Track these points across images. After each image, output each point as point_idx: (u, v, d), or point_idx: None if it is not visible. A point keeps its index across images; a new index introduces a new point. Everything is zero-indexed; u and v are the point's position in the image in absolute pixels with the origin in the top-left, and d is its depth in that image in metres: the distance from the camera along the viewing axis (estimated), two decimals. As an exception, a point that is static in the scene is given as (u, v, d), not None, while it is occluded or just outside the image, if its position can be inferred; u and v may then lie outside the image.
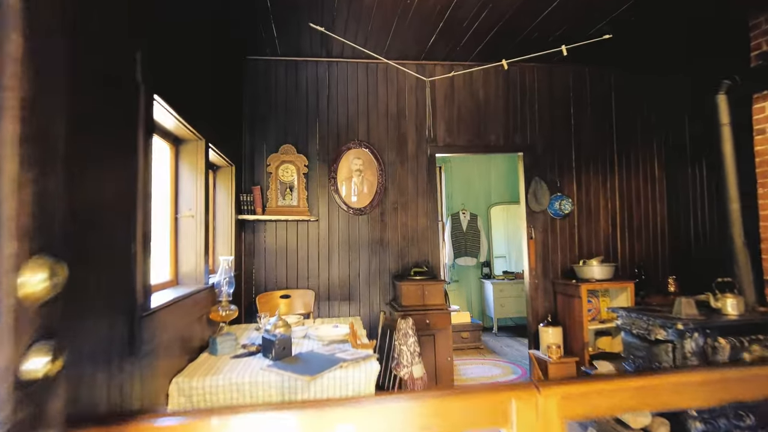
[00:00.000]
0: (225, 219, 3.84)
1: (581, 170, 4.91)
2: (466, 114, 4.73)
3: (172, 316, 2.22)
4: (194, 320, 2.65)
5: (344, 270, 4.45)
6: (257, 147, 4.39)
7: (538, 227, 4.79)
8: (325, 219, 4.44)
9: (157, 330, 1.97)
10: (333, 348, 2.61)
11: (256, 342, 2.92)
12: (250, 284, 4.31)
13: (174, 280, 2.74)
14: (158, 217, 2.67)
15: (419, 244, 4.57)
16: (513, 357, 5.80)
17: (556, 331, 4.42)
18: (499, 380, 4.87)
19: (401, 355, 2.90)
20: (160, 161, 2.70)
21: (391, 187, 4.55)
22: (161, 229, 2.70)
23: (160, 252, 2.69)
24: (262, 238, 4.35)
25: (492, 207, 7.70)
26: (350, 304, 4.43)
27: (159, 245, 2.67)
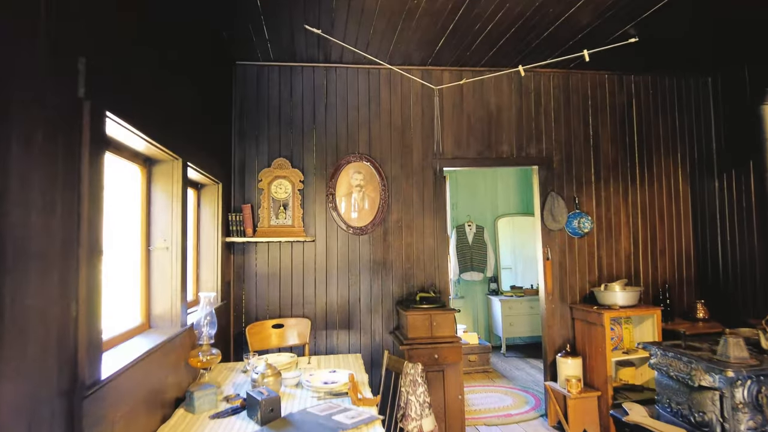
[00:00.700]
0: (211, 242, 3.45)
1: (600, 185, 4.53)
2: (476, 124, 4.36)
3: (138, 376, 1.84)
4: (169, 371, 2.26)
5: (343, 295, 4.06)
6: (248, 161, 4.00)
7: (554, 247, 4.41)
8: (322, 239, 4.06)
9: (111, 407, 1.58)
10: (330, 406, 2.21)
11: (242, 392, 2.53)
12: (239, 312, 3.91)
13: (146, 323, 2.35)
14: (126, 252, 2.28)
15: (425, 266, 4.19)
16: (524, 382, 5.41)
17: (575, 363, 4.03)
18: (512, 412, 4.48)
19: (409, 406, 2.52)
20: (129, 186, 2.32)
21: (394, 203, 4.17)
22: (130, 266, 2.31)
23: (129, 292, 2.30)
24: (253, 261, 3.96)
25: (499, 218, 7.31)
26: (350, 333, 4.04)
27: (127, 284, 2.28)
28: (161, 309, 2.39)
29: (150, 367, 2.02)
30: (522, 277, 7.27)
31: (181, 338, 2.43)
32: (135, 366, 1.83)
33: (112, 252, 2.13)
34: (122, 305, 2.24)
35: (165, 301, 2.39)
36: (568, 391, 3.91)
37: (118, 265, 2.20)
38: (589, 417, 3.90)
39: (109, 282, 2.00)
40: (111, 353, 1.87)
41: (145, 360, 1.95)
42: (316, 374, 2.69)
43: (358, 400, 2.27)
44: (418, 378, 2.55)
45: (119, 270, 2.21)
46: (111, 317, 2.06)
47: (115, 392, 1.64)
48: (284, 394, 2.48)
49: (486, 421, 4.28)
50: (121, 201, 2.23)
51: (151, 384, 2.03)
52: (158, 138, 2.10)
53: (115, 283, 2.13)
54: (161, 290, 2.39)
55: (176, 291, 2.40)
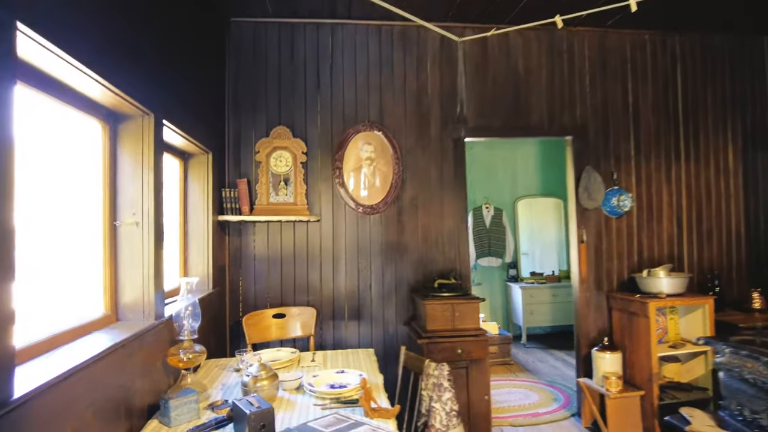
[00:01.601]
0: (200, 221, 3.01)
1: (641, 159, 4.02)
2: (502, 89, 3.85)
3: (87, 384, 1.41)
4: (138, 373, 1.83)
5: (352, 282, 3.62)
6: (244, 131, 3.54)
7: (589, 228, 3.92)
8: (328, 219, 3.60)
9: (38, 430, 1.15)
10: (337, 419, 1.77)
11: (232, 397, 2.10)
12: (236, 300, 3.48)
13: (112, 315, 1.92)
14: (83, 227, 1.84)
15: (444, 250, 3.72)
16: (550, 376, 4.96)
17: (614, 358, 3.57)
18: (540, 411, 4.04)
19: (433, 415, 2.08)
20: (86, 148, 1.87)
21: (409, 179, 3.70)
22: (89, 244, 1.87)
23: (88, 277, 1.86)
24: (250, 243, 3.52)
25: (519, 200, 6.82)
26: (360, 324, 3.60)
27: (84, 267, 1.85)
28: (131, 297, 1.96)
29: (109, 371, 1.59)
30: (539, 264, 6.80)
31: (156, 333, 2.00)
32: (83, 371, 1.40)
33: (58, 228, 1.68)
34: (76, 293, 1.80)
35: (135, 287, 1.96)
36: (606, 390, 3.46)
37: (70, 243, 1.76)
38: (631, 419, 3.45)
39: (50, 265, 1.56)
40: (51, 356, 1.44)
41: (102, 361, 1.52)
42: (321, 375, 2.25)
43: (371, 410, 1.83)
44: (444, 382, 2.11)
45: (71, 250, 1.77)
46: (57, 308, 1.62)
47: (45, 411, 1.21)
48: (282, 401, 2.05)
49: (511, 421, 3.85)
50: (73, 164, 1.78)
51: (111, 392, 1.60)
52: (117, 80, 1.64)
53: (62, 266, 1.69)
54: (130, 275, 1.96)
55: (149, 275, 1.96)
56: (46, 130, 1.61)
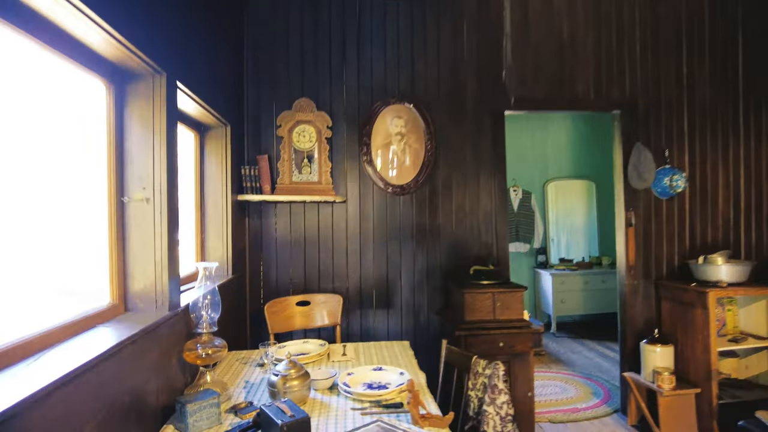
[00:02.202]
0: (218, 200, 2.75)
1: (695, 136, 3.66)
2: (545, 58, 3.51)
3: (85, 391, 1.17)
4: (152, 372, 1.59)
5: (381, 268, 3.35)
6: (264, 103, 3.26)
7: (637, 211, 3.59)
8: (355, 200, 3.33)
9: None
10: (382, 430, 1.51)
11: (257, 397, 1.85)
12: (257, 287, 3.24)
13: (119, 305, 1.67)
14: (84, 204, 1.59)
15: (481, 234, 3.43)
16: (586, 368, 4.68)
17: (666, 352, 3.27)
18: (580, 406, 3.77)
19: (485, 420, 1.82)
20: (86, 111, 1.60)
21: (443, 156, 3.39)
22: (92, 223, 1.62)
23: (90, 261, 1.61)
24: (272, 225, 3.26)
25: (548, 183, 6.47)
26: (389, 313, 3.34)
27: (86, 249, 1.60)
28: (141, 285, 1.70)
29: (117, 372, 1.34)
30: (567, 250, 6.47)
31: (171, 325, 1.75)
32: (84, 375, 1.15)
33: (52, 204, 1.43)
34: (76, 279, 1.55)
35: (146, 273, 1.71)
36: (658, 387, 3.16)
37: (68, 222, 1.51)
38: (686, 419, 3.16)
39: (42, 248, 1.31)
40: (43, 358, 1.19)
41: (108, 361, 1.27)
42: (356, 373, 2.00)
43: (420, 418, 1.57)
44: (499, 383, 1.84)
45: (69, 229, 1.52)
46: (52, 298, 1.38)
47: (35, 428, 0.96)
48: (314, 403, 1.80)
49: (550, 417, 3.58)
50: (69, 130, 1.52)
51: (119, 397, 1.36)
52: (125, 29, 1.37)
53: (58, 249, 1.44)
54: (141, 259, 1.70)
55: (162, 260, 1.71)
56: (37, 87, 1.35)
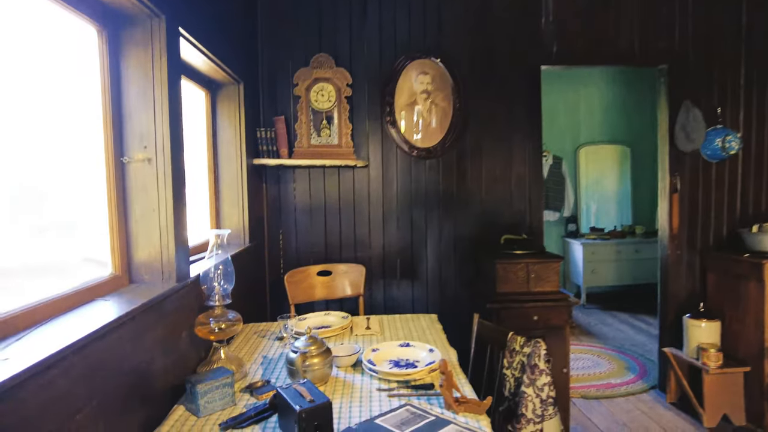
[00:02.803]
0: (232, 165, 2.58)
1: (752, 93, 3.31)
2: (584, 7, 3.18)
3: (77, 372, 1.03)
4: (158, 349, 1.46)
5: (405, 236, 3.16)
6: (279, 59, 3.03)
7: (683, 176, 3.30)
8: (377, 164, 3.12)
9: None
10: (411, 415, 1.35)
11: (275, 375, 1.71)
12: (276, 256, 3.10)
13: (122, 276, 1.53)
14: (79, 164, 1.42)
15: (513, 201, 3.20)
16: (618, 342, 4.47)
17: (712, 327, 3.03)
18: (614, 381, 3.59)
19: (523, 402, 1.65)
20: (76, 60, 1.42)
21: (472, 116, 3.14)
22: (88, 185, 1.46)
23: (88, 227, 1.46)
24: (290, 191, 3.09)
25: (581, 148, 6.13)
26: (413, 284, 3.17)
27: (82, 214, 1.44)
28: (146, 254, 1.55)
29: (119, 349, 1.20)
30: (597, 219, 6.18)
31: (180, 298, 1.61)
32: (81, 352, 1.01)
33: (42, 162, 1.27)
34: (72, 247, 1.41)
35: (151, 242, 1.55)
36: (703, 363, 2.95)
37: (60, 183, 1.35)
38: (733, 399, 2.95)
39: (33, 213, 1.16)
40: (34, 334, 1.04)
41: (109, 337, 1.13)
42: (381, 349, 1.84)
43: (455, 402, 1.40)
44: (540, 363, 1.66)
45: (62, 192, 1.36)
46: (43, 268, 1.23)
47: (23, 412, 0.82)
48: (336, 382, 1.65)
49: (583, 393, 3.41)
50: (57, 81, 1.34)
51: (122, 377, 1.22)
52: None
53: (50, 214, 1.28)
54: (144, 225, 1.55)
55: (168, 226, 1.55)
56: (20, 32, 1.17)
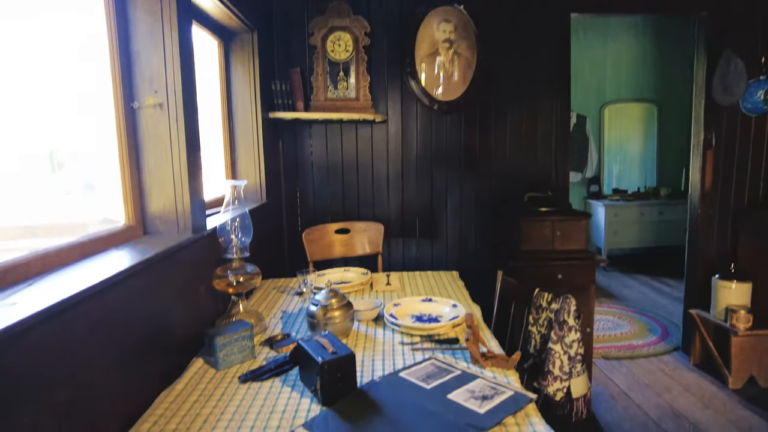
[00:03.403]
0: (247, 118, 2.50)
1: (799, 39, 3.08)
2: (621, -55, 2.95)
3: (103, 314, 0.99)
4: (175, 301, 1.42)
5: (425, 194, 3.08)
6: (294, 8, 2.89)
7: (719, 131, 3.12)
8: (396, 119, 3.01)
9: None
10: (437, 369, 1.30)
11: (295, 328, 1.68)
12: (293, 213, 3.05)
13: (136, 227, 1.48)
14: (86, 110, 1.35)
15: (537, 158, 3.07)
16: (639, 304, 4.40)
17: (743, 288, 2.93)
18: (636, 343, 3.53)
19: (550, 359, 1.60)
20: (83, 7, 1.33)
21: (496, 67, 2.98)
22: (98, 132, 1.39)
23: (98, 176, 1.41)
24: (307, 147, 3.00)
25: (605, 106, 5.89)
26: (433, 242, 3.11)
27: (91, 162, 1.38)
28: (160, 205, 1.50)
29: (135, 298, 1.17)
30: (619, 180, 5.99)
31: (196, 250, 1.56)
32: (96, 298, 0.97)
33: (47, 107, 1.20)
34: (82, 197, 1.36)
35: (165, 192, 1.49)
36: (731, 325, 2.87)
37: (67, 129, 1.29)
38: (760, 361, 2.87)
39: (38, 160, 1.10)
40: (46, 281, 1.00)
41: (125, 284, 1.09)
42: (403, 304, 1.79)
43: (481, 357, 1.35)
44: (569, 319, 1.59)
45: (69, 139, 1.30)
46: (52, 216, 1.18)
47: (37, 356, 0.78)
48: (357, 336, 1.61)
49: (604, 353, 3.37)
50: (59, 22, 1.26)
51: (139, 326, 1.19)
52: None
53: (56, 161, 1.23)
54: (158, 175, 1.48)
55: (182, 175, 1.49)
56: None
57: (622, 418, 2.54)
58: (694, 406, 2.66)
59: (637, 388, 2.88)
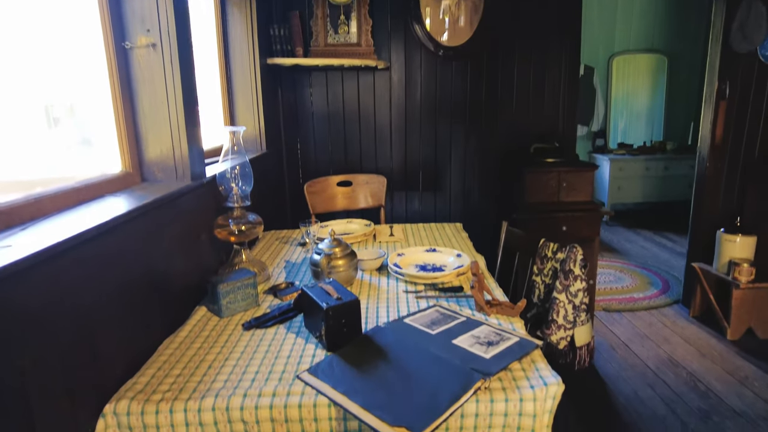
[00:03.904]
0: (245, 64, 2.40)
1: (824, -19, 2.92)
2: None
3: (100, 260, 0.97)
4: (176, 250, 1.40)
5: (428, 146, 3.01)
6: (292, -54, 2.73)
7: (734, 81, 3.02)
8: (400, 66, 2.90)
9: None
10: (441, 315, 1.30)
11: (299, 277, 1.67)
12: (295, 165, 3.00)
13: (134, 173, 1.43)
14: (73, 50, 1.28)
15: (545, 108, 2.99)
16: (641, 258, 4.41)
17: (747, 242, 2.92)
18: (636, 296, 3.56)
19: (555, 308, 1.59)
20: None
21: (504, 12, 2.85)
22: (91, 86, 1.33)
23: (90, 121, 1.35)
24: (307, 96, 2.91)
25: (614, 57, 5.70)
26: (436, 195, 3.07)
27: (82, 104, 1.33)
28: (157, 151, 1.45)
29: (134, 244, 1.14)
30: (624, 134, 5.88)
31: (196, 198, 1.53)
32: (92, 243, 0.94)
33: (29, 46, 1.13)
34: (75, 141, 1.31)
35: (162, 138, 1.44)
36: (734, 278, 2.87)
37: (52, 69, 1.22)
38: (760, 314, 2.89)
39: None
40: (40, 225, 0.97)
41: (122, 229, 1.06)
42: (407, 254, 1.77)
43: (486, 305, 1.34)
44: (575, 268, 1.57)
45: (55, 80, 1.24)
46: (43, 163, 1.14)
47: (31, 301, 0.76)
48: (361, 284, 1.60)
49: (605, 306, 3.40)
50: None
51: (139, 273, 1.17)
52: None
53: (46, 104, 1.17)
54: (153, 119, 1.43)
55: (179, 120, 1.43)
56: None
57: (621, 368, 2.58)
58: (692, 356, 2.70)
59: (636, 340, 2.91)
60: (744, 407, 2.22)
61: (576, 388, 2.35)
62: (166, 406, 0.97)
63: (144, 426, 0.97)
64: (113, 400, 0.99)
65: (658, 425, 2.11)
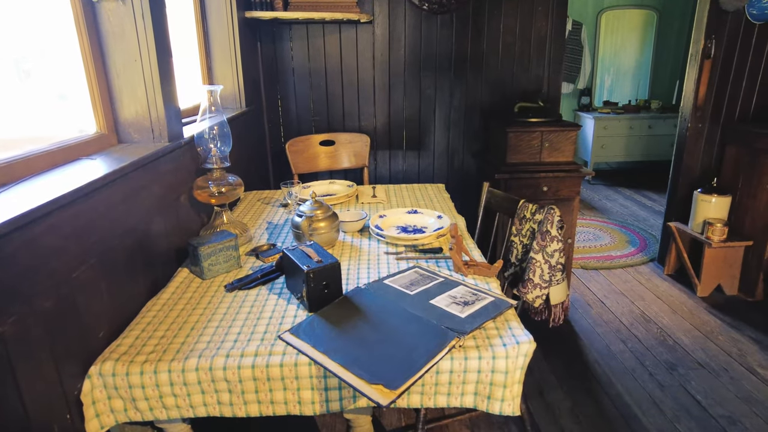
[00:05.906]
0: (222, 19, 2.31)
1: (817, -65, 2.87)
2: None
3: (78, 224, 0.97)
4: (155, 211, 1.39)
5: (412, 104, 2.97)
6: None
7: (719, 39, 3.00)
8: (383, 20, 2.82)
9: None
10: (420, 276, 1.33)
11: (281, 239, 1.68)
12: (276, 123, 2.95)
13: (109, 135, 1.40)
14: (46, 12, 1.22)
15: (531, 64, 2.95)
16: (620, 217, 4.50)
17: (722, 202, 2.99)
18: (614, 254, 3.66)
19: (531, 268, 1.64)
20: None
21: (491, -35, 2.76)
22: (61, 39, 1.27)
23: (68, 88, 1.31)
24: (287, 51, 2.83)
25: (603, 12, 5.59)
26: (420, 154, 3.06)
27: (50, 64, 1.28)
28: (132, 112, 1.41)
29: (112, 208, 1.13)
30: (611, 92, 5.87)
31: (174, 159, 1.50)
32: (69, 208, 0.93)
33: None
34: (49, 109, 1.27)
35: (137, 97, 1.40)
36: (707, 237, 2.95)
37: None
38: (729, 271, 3.00)
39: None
40: (12, 190, 0.96)
41: (100, 194, 1.05)
42: (388, 216, 1.79)
43: (464, 265, 1.37)
44: (552, 229, 1.61)
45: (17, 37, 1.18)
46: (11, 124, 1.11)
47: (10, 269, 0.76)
48: (343, 246, 1.62)
49: (583, 264, 3.49)
50: None
51: (114, 238, 1.17)
52: None
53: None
54: (126, 78, 1.38)
55: (153, 79, 1.39)
56: None
57: (595, 323, 2.68)
58: (664, 312, 2.82)
59: (612, 296, 3.02)
60: (707, 359, 2.34)
61: (551, 343, 2.45)
62: (151, 366, 1.00)
63: (129, 386, 1.00)
64: (98, 361, 1.01)
65: (627, 377, 2.22)
